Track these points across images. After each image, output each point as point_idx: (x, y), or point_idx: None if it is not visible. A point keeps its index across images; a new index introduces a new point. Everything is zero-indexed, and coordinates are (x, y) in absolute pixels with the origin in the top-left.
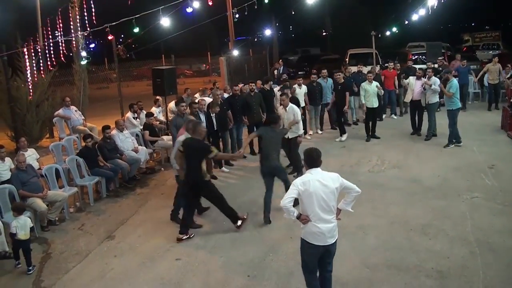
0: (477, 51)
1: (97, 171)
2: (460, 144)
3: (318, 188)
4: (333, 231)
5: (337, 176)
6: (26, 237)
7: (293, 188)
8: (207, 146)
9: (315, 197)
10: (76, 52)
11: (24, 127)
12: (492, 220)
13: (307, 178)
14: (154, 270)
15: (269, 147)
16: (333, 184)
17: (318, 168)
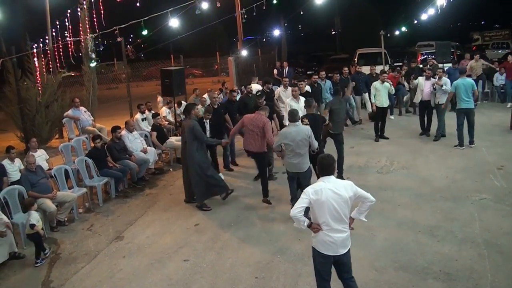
0: (487, 50)
1: (106, 171)
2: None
3: (330, 197)
4: (345, 241)
5: (350, 184)
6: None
7: (304, 197)
8: None
9: (327, 207)
10: (85, 54)
11: (34, 128)
12: (501, 222)
13: (319, 187)
14: (162, 271)
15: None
16: (346, 193)
17: (331, 176)
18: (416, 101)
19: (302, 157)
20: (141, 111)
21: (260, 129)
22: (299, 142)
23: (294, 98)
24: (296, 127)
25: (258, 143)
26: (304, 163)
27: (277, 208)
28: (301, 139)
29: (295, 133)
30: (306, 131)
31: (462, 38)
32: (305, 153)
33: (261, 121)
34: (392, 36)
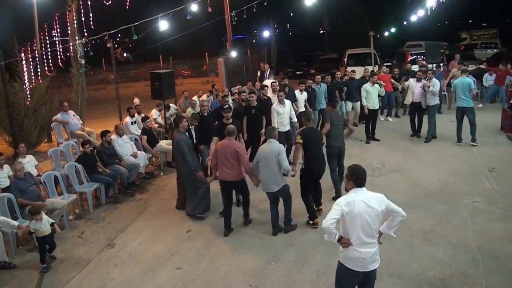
0: (475, 49)
1: (96, 177)
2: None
3: (363, 210)
4: (374, 256)
5: (382, 197)
6: (49, 232)
7: (337, 208)
8: None
9: (360, 220)
10: (74, 57)
11: (22, 132)
12: (494, 226)
13: (352, 198)
14: (155, 279)
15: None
16: (378, 206)
17: (363, 188)
18: (407, 103)
19: (274, 175)
20: (131, 115)
21: (234, 156)
22: (269, 160)
23: (279, 103)
24: (269, 144)
25: (235, 171)
26: (277, 182)
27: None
28: (271, 156)
29: (267, 150)
30: (276, 148)
31: (450, 37)
32: (278, 172)
33: (232, 147)
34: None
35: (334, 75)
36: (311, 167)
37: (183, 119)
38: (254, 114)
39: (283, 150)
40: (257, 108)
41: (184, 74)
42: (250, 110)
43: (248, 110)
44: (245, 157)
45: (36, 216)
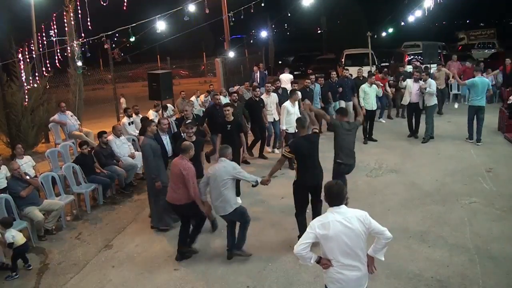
0: (473, 50)
1: (94, 178)
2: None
3: (339, 231)
4: (360, 280)
5: (365, 215)
6: (24, 240)
7: (310, 232)
8: None
9: (336, 243)
10: (71, 57)
11: (20, 133)
12: (491, 226)
13: (326, 219)
14: (153, 281)
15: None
16: (359, 225)
17: (341, 206)
18: (404, 103)
19: (226, 197)
20: (128, 115)
21: (179, 177)
22: (220, 182)
23: (292, 102)
24: (220, 164)
25: (179, 194)
26: (230, 204)
27: (268, 215)
28: (222, 177)
29: (218, 171)
30: (230, 168)
31: (447, 37)
32: (227, 193)
33: (178, 167)
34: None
35: (330, 75)
36: (304, 179)
37: (151, 123)
38: (229, 131)
39: (237, 166)
40: (233, 124)
41: (182, 74)
42: (225, 126)
43: (223, 126)
44: (191, 182)
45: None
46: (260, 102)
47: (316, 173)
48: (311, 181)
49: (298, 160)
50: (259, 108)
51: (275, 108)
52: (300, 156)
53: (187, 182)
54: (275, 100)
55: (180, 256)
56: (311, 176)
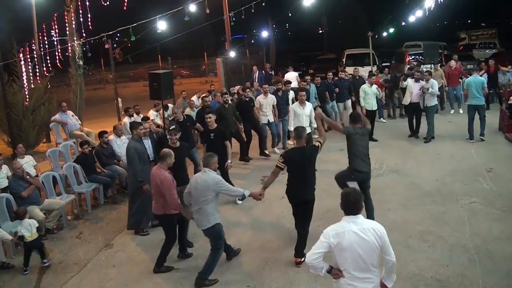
0: (474, 50)
1: (95, 177)
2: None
3: (354, 242)
4: None
5: (381, 229)
6: (34, 237)
7: (323, 241)
8: None
9: (350, 253)
10: (72, 57)
11: (21, 133)
12: (491, 226)
13: (341, 228)
14: (153, 280)
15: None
16: (375, 239)
17: (358, 216)
18: (405, 103)
19: (202, 211)
20: (129, 115)
21: (156, 187)
22: (200, 194)
23: (300, 103)
24: (203, 175)
25: (157, 203)
26: (207, 219)
27: (268, 215)
28: (203, 190)
29: (200, 182)
30: (211, 181)
31: (449, 37)
32: (207, 208)
33: (155, 178)
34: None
35: (327, 77)
36: (289, 193)
37: (139, 125)
38: (212, 139)
39: (220, 180)
40: (216, 132)
41: (183, 74)
42: (208, 134)
43: (206, 135)
44: (167, 192)
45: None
46: (250, 102)
47: (303, 189)
48: (297, 196)
49: (288, 172)
50: (249, 108)
51: (271, 109)
52: (291, 168)
53: (164, 192)
54: (272, 101)
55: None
56: (297, 192)
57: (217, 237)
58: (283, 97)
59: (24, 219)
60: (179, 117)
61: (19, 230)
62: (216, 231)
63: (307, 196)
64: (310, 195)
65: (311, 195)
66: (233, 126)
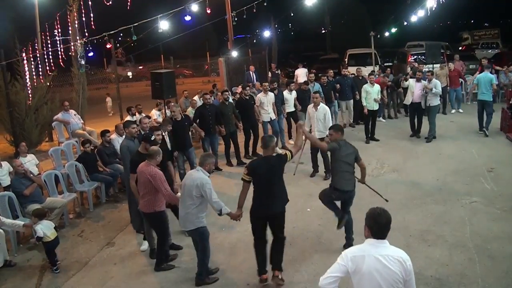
0: (476, 50)
1: (96, 176)
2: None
3: (375, 269)
4: None
5: (408, 259)
6: (55, 235)
7: (341, 263)
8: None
9: (368, 282)
10: (74, 57)
11: (23, 132)
12: (491, 226)
13: (361, 252)
14: (154, 278)
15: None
16: (399, 269)
17: (384, 241)
18: (406, 103)
19: (189, 211)
20: (132, 114)
21: (147, 183)
22: (187, 192)
23: (313, 106)
24: (194, 173)
25: (146, 201)
26: (191, 220)
27: None
28: (189, 189)
29: (189, 180)
30: (198, 180)
31: (451, 37)
32: (193, 209)
33: (145, 174)
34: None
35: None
36: (254, 207)
37: (131, 124)
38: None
39: (208, 183)
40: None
41: (186, 74)
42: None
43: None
44: (161, 187)
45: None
46: (250, 100)
47: (270, 203)
48: (263, 211)
49: (254, 184)
50: (250, 106)
51: (271, 107)
52: (255, 180)
53: (158, 188)
54: (272, 99)
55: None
56: (264, 205)
57: (201, 237)
58: (279, 96)
59: (43, 220)
60: (177, 116)
61: (39, 230)
62: (200, 233)
63: (276, 209)
64: (279, 207)
65: (279, 207)
66: (232, 125)
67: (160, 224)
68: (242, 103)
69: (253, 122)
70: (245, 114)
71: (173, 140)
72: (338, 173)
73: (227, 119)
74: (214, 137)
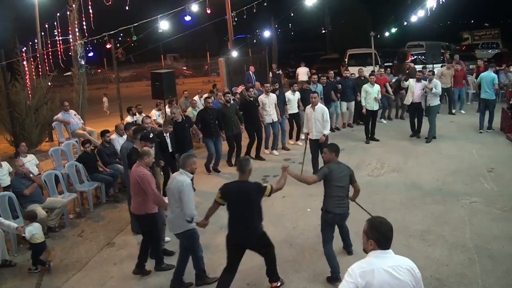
0: (476, 50)
1: (96, 176)
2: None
3: (386, 282)
4: None
5: (415, 267)
6: (43, 239)
7: (349, 281)
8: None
9: None
10: (74, 57)
11: (23, 132)
12: (491, 226)
13: (370, 266)
14: (154, 278)
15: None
16: (410, 278)
17: (388, 251)
18: (406, 103)
19: (175, 214)
20: (132, 114)
21: (137, 184)
22: (171, 194)
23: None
24: (178, 175)
25: (137, 202)
26: (177, 223)
27: (268, 213)
28: (173, 191)
29: (173, 182)
30: (179, 183)
31: (452, 37)
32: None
33: (134, 175)
34: (382, 37)
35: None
36: (230, 232)
37: (131, 126)
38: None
39: (188, 186)
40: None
41: (186, 74)
42: None
43: None
44: (149, 188)
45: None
46: (255, 102)
47: (242, 231)
48: (234, 239)
49: (227, 208)
50: (254, 108)
51: (274, 108)
52: (228, 204)
53: (145, 189)
54: (274, 100)
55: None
56: (236, 233)
57: (190, 240)
58: (280, 97)
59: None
60: (178, 118)
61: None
62: (188, 236)
63: (248, 241)
64: (250, 237)
65: (251, 237)
66: (235, 127)
67: (151, 227)
68: (246, 105)
69: (258, 125)
70: (250, 116)
71: (174, 142)
72: (330, 197)
73: (229, 121)
74: (218, 139)
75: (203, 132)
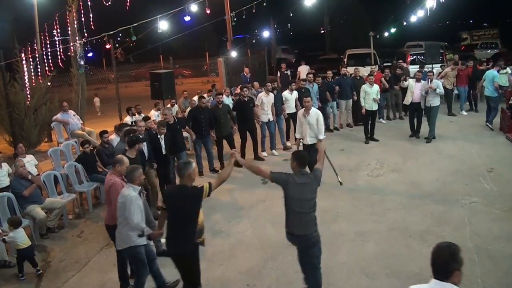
0: (475, 50)
1: (96, 176)
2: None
3: None
4: None
5: None
6: (28, 244)
7: None
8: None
9: None
10: (74, 57)
11: (23, 132)
12: (491, 226)
13: None
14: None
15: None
16: None
17: (445, 284)
18: (406, 103)
19: (119, 230)
20: (131, 114)
21: (107, 194)
22: (118, 210)
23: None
24: (126, 189)
25: (109, 213)
26: (120, 238)
27: (268, 214)
28: (119, 206)
29: (120, 195)
30: (123, 198)
31: (451, 37)
32: (123, 226)
33: (106, 184)
34: (381, 37)
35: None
36: (167, 243)
37: (124, 127)
38: None
39: (131, 200)
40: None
41: (185, 74)
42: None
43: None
44: (115, 199)
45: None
46: (250, 102)
47: (177, 242)
48: (171, 249)
49: (167, 215)
50: (249, 109)
51: (270, 108)
52: (167, 210)
53: (112, 198)
54: (272, 100)
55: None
56: (172, 244)
57: (134, 259)
58: (278, 97)
59: (19, 228)
60: (169, 119)
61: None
62: (132, 254)
63: (176, 249)
64: (182, 249)
65: (183, 249)
66: (225, 129)
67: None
68: (240, 104)
69: (251, 125)
70: (243, 116)
71: (167, 143)
72: (289, 213)
73: (219, 123)
74: (208, 138)
75: (194, 131)
